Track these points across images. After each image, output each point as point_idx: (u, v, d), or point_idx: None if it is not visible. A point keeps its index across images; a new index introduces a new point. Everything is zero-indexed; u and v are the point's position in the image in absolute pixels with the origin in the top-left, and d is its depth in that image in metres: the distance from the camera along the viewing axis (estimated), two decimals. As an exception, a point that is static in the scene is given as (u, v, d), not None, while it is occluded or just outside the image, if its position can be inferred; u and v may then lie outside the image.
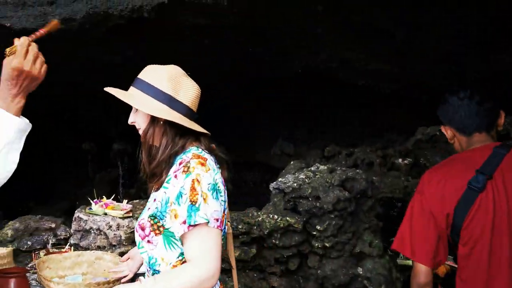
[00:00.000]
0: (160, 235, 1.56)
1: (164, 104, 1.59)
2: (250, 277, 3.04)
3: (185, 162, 1.55)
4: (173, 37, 4.12)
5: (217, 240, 1.51)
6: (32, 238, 3.48)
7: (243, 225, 3.00)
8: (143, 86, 1.62)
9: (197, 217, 1.46)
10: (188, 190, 1.49)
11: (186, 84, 1.64)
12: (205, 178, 1.51)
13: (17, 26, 3.53)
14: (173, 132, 1.62)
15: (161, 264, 1.58)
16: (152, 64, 1.68)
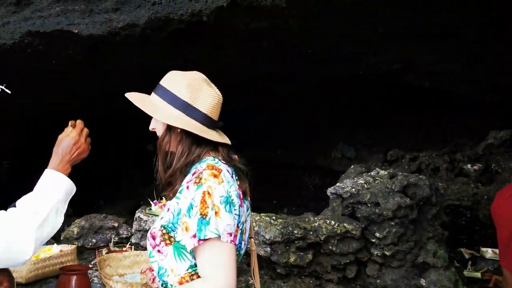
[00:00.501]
0: (170, 245, 1.51)
1: (181, 111, 1.54)
2: (306, 284, 2.97)
3: (198, 172, 1.49)
4: (231, 40, 4.14)
5: (230, 255, 1.43)
6: (96, 236, 3.62)
7: (299, 230, 2.94)
8: (161, 92, 1.58)
9: (207, 231, 1.40)
10: (198, 203, 1.43)
11: (206, 91, 1.57)
12: (217, 190, 1.45)
13: (84, 32, 3.69)
14: (189, 141, 1.56)
15: (169, 275, 1.53)
16: (175, 70, 1.63)
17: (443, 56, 4.16)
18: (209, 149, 1.58)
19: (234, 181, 1.55)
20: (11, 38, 3.70)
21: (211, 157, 1.57)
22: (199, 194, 1.43)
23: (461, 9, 3.21)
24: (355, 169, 4.16)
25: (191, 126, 1.52)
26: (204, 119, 1.55)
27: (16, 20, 3.76)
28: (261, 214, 3.11)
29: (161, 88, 1.59)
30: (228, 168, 1.55)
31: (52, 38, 3.71)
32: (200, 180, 1.45)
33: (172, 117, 1.53)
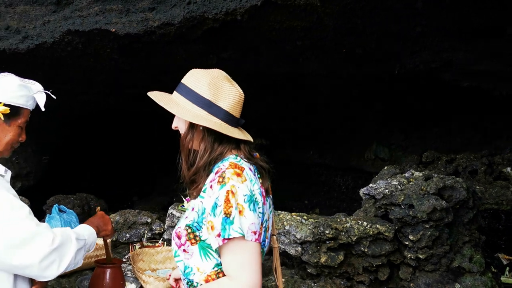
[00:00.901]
0: (196, 244, 1.52)
1: (203, 109, 1.55)
2: (336, 285, 2.94)
3: (221, 171, 1.49)
4: (265, 39, 4.15)
5: (255, 253, 1.44)
6: (130, 231, 3.69)
7: (331, 230, 2.92)
8: (183, 91, 1.59)
9: (231, 231, 1.40)
10: (222, 202, 1.43)
11: (227, 89, 1.58)
12: (241, 189, 1.45)
13: (121, 31, 3.76)
14: (212, 138, 1.57)
15: (195, 274, 1.54)
16: (196, 68, 1.63)
17: (483, 54, 4.03)
18: (231, 147, 1.59)
19: (257, 179, 1.55)
20: (52, 37, 3.82)
21: (233, 155, 1.57)
22: (222, 193, 1.43)
23: (504, 6, 3.11)
24: (388, 170, 4.09)
25: (214, 124, 1.52)
26: (226, 117, 1.56)
27: (57, 19, 3.87)
28: (292, 214, 3.09)
29: (183, 86, 1.59)
30: (250, 166, 1.56)
31: (90, 36, 3.80)
32: (224, 179, 1.45)
33: (194, 115, 1.54)
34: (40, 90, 1.96)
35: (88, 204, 5.90)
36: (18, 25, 4.07)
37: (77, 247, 1.76)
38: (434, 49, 4.10)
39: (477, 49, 3.95)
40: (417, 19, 3.56)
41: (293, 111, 6.73)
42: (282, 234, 3.00)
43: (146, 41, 3.88)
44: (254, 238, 1.43)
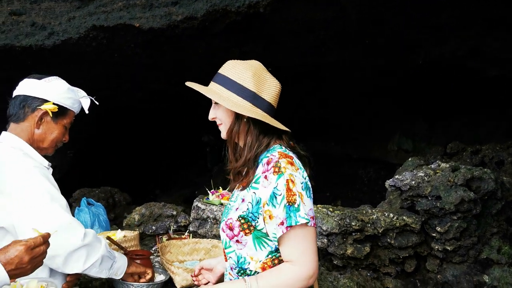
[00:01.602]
0: (249, 234, 1.55)
1: (248, 101, 1.55)
2: (363, 276, 2.94)
3: (274, 162, 1.51)
4: (287, 31, 4.14)
5: (314, 238, 1.50)
6: (156, 224, 3.74)
7: (357, 222, 2.91)
8: (225, 82, 1.58)
9: (298, 218, 1.44)
10: (284, 191, 1.46)
11: (269, 81, 1.60)
12: (297, 177, 1.49)
13: (145, 26, 3.81)
14: (257, 130, 1.58)
15: (250, 263, 1.57)
16: (234, 60, 1.62)
17: (510, 42, 3.96)
18: (275, 138, 1.60)
19: (303, 166, 1.58)
20: (77, 33, 3.88)
21: (278, 145, 1.59)
22: (282, 182, 1.46)
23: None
24: (413, 161, 4.05)
25: (261, 115, 1.54)
26: (268, 108, 1.58)
27: (81, 15, 3.93)
28: (318, 205, 3.10)
29: (223, 77, 1.59)
30: (293, 154, 1.58)
31: (114, 32, 3.85)
32: (280, 169, 1.48)
33: (242, 107, 1.54)
34: (85, 96, 2.15)
35: (113, 197, 6.00)
36: (44, 22, 4.14)
37: (106, 254, 1.90)
38: (461, 36, 4.04)
39: (505, 36, 3.88)
40: (443, 6, 3.50)
41: (315, 102, 6.70)
42: (308, 226, 3.00)
43: (169, 36, 3.91)
44: (312, 222, 1.49)
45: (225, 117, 1.61)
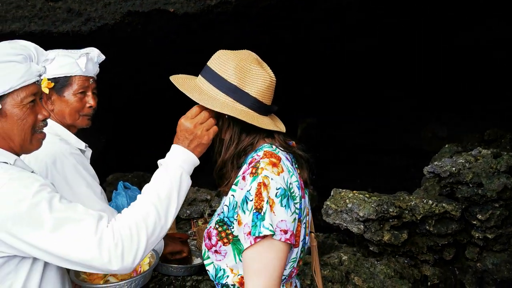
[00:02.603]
0: (229, 244, 1.38)
1: (228, 96, 1.37)
2: (400, 263, 2.90)
3: (255, 162, 1.35)
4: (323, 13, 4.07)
5: (280, 256, 1.28)
6: (190, 208, 3.78)
7: (394, 208, 2.87)
8: (208, 74, 1.41)
9: (261, 228, 1.25)
10: (253, 196, 1.28)
11: (256, 73, 1.38)
12: (274, 181, 1.29)
13: (179, 11, 3.80)
14: (238, 128, 1.41)
15: (229, 276, 1.40)
16: (223, 49, 1.44)
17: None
18: (262, 136, 1.44)
19: (295, 169, 1.41)
20: (113, 19, 3.90)
21: (267, 144, 1.42)
22: (254, 185, 1.29)
23: None
24: (450, 148, 3.97)
25: (239, 112, 1.36)
26: (254, 104, 1.39)
27: (117, 1, 3.95)
28: (354, 192, 3.07)
29: (208, 70, 1.42)
30: (286, 155, 1.42)
31: (149, 17, 3.86)
32: (257, 170, 1.31)
33: (218, 102, 1.37)
34: (83, 54, 1.99)
35: (145, 181, 6.10)
36: (80, 8, 4.18)
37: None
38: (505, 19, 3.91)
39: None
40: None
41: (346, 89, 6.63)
42: (344, 212, 2.98)
43: (204, 21, 3.90)
44: (284, 237, 1.27)
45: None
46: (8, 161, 1.35)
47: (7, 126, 1.35)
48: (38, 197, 1.24)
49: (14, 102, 1.33)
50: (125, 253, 1.27)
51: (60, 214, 1.25)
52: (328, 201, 3.07)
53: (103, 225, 1.28)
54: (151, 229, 1.31)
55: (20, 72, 1.32)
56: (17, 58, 1.33)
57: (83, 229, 1.25)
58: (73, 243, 1.24)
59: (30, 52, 1.38)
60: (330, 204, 3.03)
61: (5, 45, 1.35)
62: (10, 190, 1.23)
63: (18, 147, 1.39)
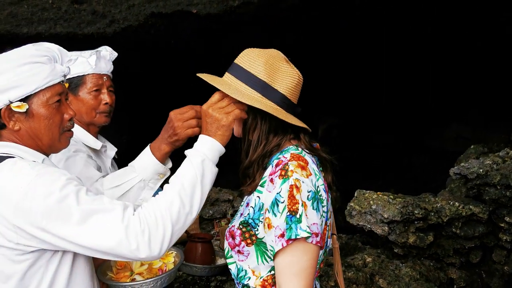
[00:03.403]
0: (252, 245, 1.37)
1: (257, 91, 1.36)
2: (425, 266, 2.87)
3: (283, 164, 1.33)
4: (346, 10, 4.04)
5: (314, 258, 1.29)
6: (213, 208, 3.79)
7: (420, 210, 2.83)
8: (236, 71, 1.40)
9: (298, 230, 1.24)
10: (286, 198, 1.27)
11: (285, 70, 1.38)
12: (305, 184, 1.28)
13: (202, 12, 3.83)
14: (266, 128, 1.39)
15: (251, 278, 1.40)
16: (252, 48, 1.43)
17: None
18: (289, 137, 1.43)
19: (320, 172, 1.40)
20: (136, 20, 3.96)
21: (293, 146, 1.41)
22: (285, 188, 1.28)
23: None
24: (475, 149, 3.90)
25: (269, 107, 1.35)
26: (282, 101, 1.38)
27: (141, 3, 4.00)
28: (378, 193, 3.04)
29: (235, 66, 1.41)
30: (312, 158, 1.40)
31: (172, 18, 3.90)
32: (286, 172, 1.30)
33: (247, 96, 1.36)
34: (93, 53, 1.99)
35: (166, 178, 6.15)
36: (104, 10, 4.24)
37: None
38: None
39: None
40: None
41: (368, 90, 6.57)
42: (368, 213, 2.95)
43: (226, 22, 3.92)
44: (315, 240, 1.27)
45: None
46: (37, 160, 1.37)
47: (34, 126, 1.38)
48: (66, 190, 1.26)
49: (41, 102, 1.36)
50: (152, 240, 1.28)
51: (87, 206, 1.27)
52: (351, 202, 3.05)
53: (129, 213, 1.30)
54: (175, 217, 1.32)
55: (45, 72, 1.35)
56: (42, 59, 1.36)
57: (110, 218, 1.27)
58: (101, 232, 1.26)
59: (54, 53, 1.41)
60: (354, 206, 3.01)
61: (29, 47, 1.37)
62: (38, 185, 1.26)
63: (46, 146, 1.42)
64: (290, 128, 1.41)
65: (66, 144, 1.48)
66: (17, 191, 1.25)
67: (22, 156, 1.36)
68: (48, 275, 1.35)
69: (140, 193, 1.67)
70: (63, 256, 1.37)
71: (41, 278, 1.34)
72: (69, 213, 1.25)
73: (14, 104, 1.32)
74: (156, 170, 1.66)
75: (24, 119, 1.36)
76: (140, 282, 1.84)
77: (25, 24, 4.35)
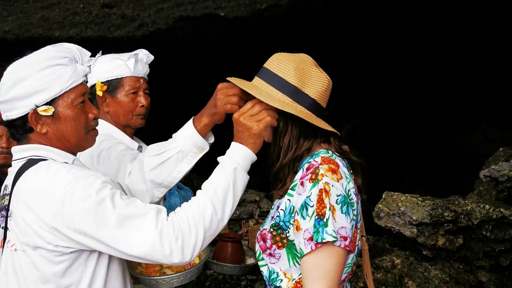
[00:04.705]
0: (283, 248, 1.38)
1: (288, 96, 1.37)
2: (455, 268, 2.85)
3: (314, 168, 1.35)
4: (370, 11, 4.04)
5: (340, 262, 1.30)
6: (239, 209, 3.84)
7: (449, 212, 2.82)
8: (266, 76, 1.42)
9: (324, 234, 1.26)
10: (315, 202, 1.29)
11: (315, 75, 1.40)
12: (335, 188, 1.30)
13: (230, 15, 3.88)
14: (296, 132, 1.41)
15: (283, 280, 1.41)
16: (281, 52, 1.45)
17: None
18: (319, 141, 1.45)
19: (350, 175, 1.42)
20: (165, 23, 4.03)
21: (324, 149, 1.43)
22: (315, 192, 1.30)
23: None
24: (504, 152, 3.85)
25: (299, 112, 1.36)
26: (312, 106, 1.39)
27: (169, 6, 4.07)
28: (406, 195, 3.04)
29: (266, 71, 1.42)
30: (342, 161, 1.42)
31: (200, 22, 3.96)
32: (317, 176, 1.32)
33: (278, 101, 1.37)
34: (131, 55, 2.04)
35: (191, 182, 6.21)
36: (133, 14, 4.33)
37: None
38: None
39: None
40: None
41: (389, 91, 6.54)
42: (397, 215, 2.96)
43: (253, 24, 3.97)
44: (343, 244, 1.29)
45: None
46: (67, 161, 1.41)
47: (61, 128, 1.40)
48: (102, 194, 1.30)
49: (66, 104, 1.39)
50: (185, 246, 1.31)
51: (122, 210, 1.30)
52: (379, 204, 3.05)
53: (163, 218, 1.33)
54: (208, 223, 1.35)
55: (67, 74, 1.37)
56: (63, 61, 1.38)
57: (144, 224, 1.30)
58: (136, 238, 1.29)
59: (74, 53, 1.43)
60: (382, 207, 3.01)
61: (49, 49, 1.39)
62: (76, 188, 1.29)
63: (74, 146, 1.45)
64: (320, 131, 1.43)
65: (92, 143, 1.52)
66: (54, 194, 1.29)
67: (53, 158, 1.40)
68: (87, 274, 1.39)
69: (176, 165, 1.67)
70: (100, 254, 1.41)
71: (80, 277, 1.38)
72: (105, 216, 1.28)
73: (41, 108, 1.35)
74: (195, 142, 1.65)
75: (51, 122, 1.39)
76: (170, 276, 1.90)
77: (57, 27, 4.46)
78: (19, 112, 1.36)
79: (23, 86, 1.34)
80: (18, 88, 1.34)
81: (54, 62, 1.36)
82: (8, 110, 1.37)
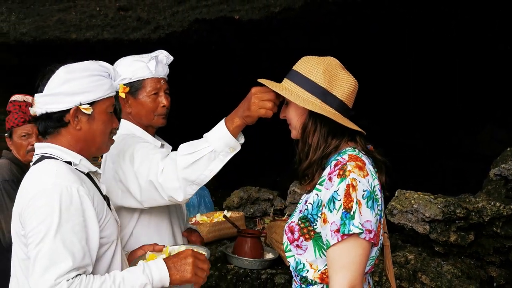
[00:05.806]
0: (310, 240, 1.46)
1: (317, 97, 1.46)
2: (466, 264, 2.94)
3: (341, 164, 1.42)
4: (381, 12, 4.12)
5: (364, 253, 1.38)
6: (253, 206, 3.94)
7: (461, 210, 2.91)
8: (296, 78, 1.51)
9: (351, 226, 1.34)
10: (342, 196, 1.37)
11: (343, 77, 1.49)
12: (362, 184, 1.38)
13: (244, 18, 3.98)
14: (325, 131, 1.49)
15: (309, 271, 1.48)
16: (309, 55, 1.54)
17: None
18: (346, 140, 1.52)
19: (375, 173, 1.48)
20: (181, 26, 4.13)
21: (351, 147, 1.50)
22: (343, 186, 1.38)
23: None
24: (512, 151, 3.94)
25: (329, 113, 1.45)
26: (340, 107, 1.48)
27: (184, 9, 4.17)
28: (419, 193, 3.13)
29: (295, 73, 1.52)
30: (368, 159, 1.49)
31: (215, 24, 4.06)
32: (344, 172, 1.39)
33: (308, 102, 1.46)
34: (152, 58, 2.10)
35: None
36: (148, 16, 4.43)
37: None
38: None
39: None
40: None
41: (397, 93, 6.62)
42: (410, 212, 3.05)
43: (266, 28, 4.06)
44: (368, 236, 1.36)
45: (295, 115, 1.54)
46: (74, 161, 1.55)
47: (93, 128, 1.57)
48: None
49: (101, 109, 1.58)
50: None
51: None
52: (393, 201, 3.15)
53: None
54: None
55: (107, 85, 1.59)
56: (104, 74, 1.60)
57: None
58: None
59: (110, 71, 1.64)
60: (395, 205, 3.10)
61: (93, 63, 1.60)
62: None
63: (96, 148, 1.62)
64: (347, 131, 1.51)
65: (107, 150, 1.70)
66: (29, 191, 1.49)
67: (61, 156, 1.53)
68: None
69: (209, 164, 1.72)
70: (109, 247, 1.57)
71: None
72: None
73: (84, 106, 1.52)
74: (227, 143, 1.70)
75: (86, 121, 1.55)
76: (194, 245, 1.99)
77: (73, 30, 4.57)
78: (63, 106, 1.51)
79: (74, 85, 1.52)
80: (68, 85, 1.51)
81: (99, 73, 1.57)
82: (52, 103, 1.51)
